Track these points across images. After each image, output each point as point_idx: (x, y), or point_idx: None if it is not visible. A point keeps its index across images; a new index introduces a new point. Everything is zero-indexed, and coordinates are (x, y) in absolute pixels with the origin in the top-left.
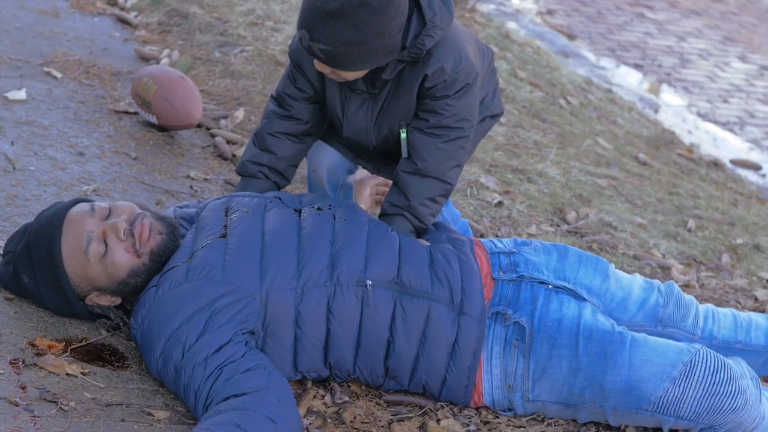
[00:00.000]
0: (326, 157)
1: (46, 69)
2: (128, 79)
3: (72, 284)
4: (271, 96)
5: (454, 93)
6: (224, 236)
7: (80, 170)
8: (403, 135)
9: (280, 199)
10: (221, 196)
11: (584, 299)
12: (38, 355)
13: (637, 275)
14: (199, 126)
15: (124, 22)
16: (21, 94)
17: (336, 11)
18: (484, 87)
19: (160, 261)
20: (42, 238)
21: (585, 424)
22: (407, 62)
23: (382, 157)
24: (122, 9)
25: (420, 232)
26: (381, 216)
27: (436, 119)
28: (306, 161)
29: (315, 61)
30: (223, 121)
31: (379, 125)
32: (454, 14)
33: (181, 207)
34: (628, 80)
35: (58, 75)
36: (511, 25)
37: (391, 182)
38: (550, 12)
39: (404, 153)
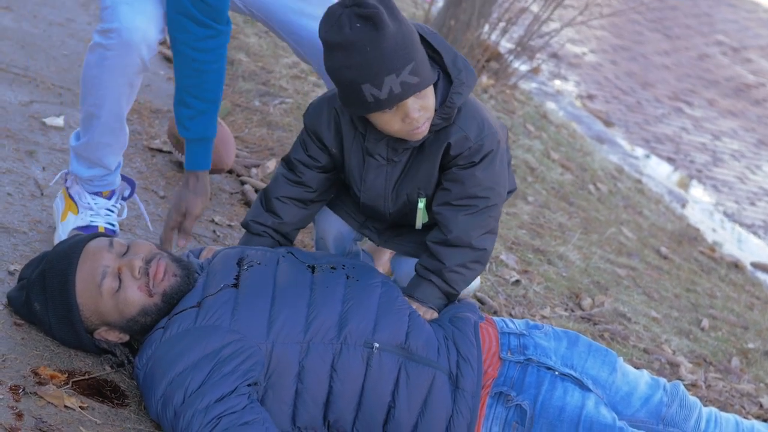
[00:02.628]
0: (333, 225)
1: None
2: (166, 118)
3: (82, 316)
4: (282, 160)
5: (479, 160)
6: (235, 286)
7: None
8: (421, 205)
9: (293, 254)
10: (234, 247)
11: (589, 390)
12: (39, 384)
13: (645, 371)
14: (230, 172)
15: (170, 60)
16: (59, 121)
17: (377, 37)
18: None
19: (171, 303)
20: (57, 268)
21: None
22: (439, 128)
23: (395, 227)
24: (170, 48)
25: (450, 299)
26: (414, 278)
27: (461, 189)
28: (313, 225)
29: (411, 102)
30: (254, 170)
31: (398, 192)
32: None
33: (193, 252)
34: (659, 172)
35: None
36: (550, 105)
37: None
38: (590, 97)
39: (418, 224)
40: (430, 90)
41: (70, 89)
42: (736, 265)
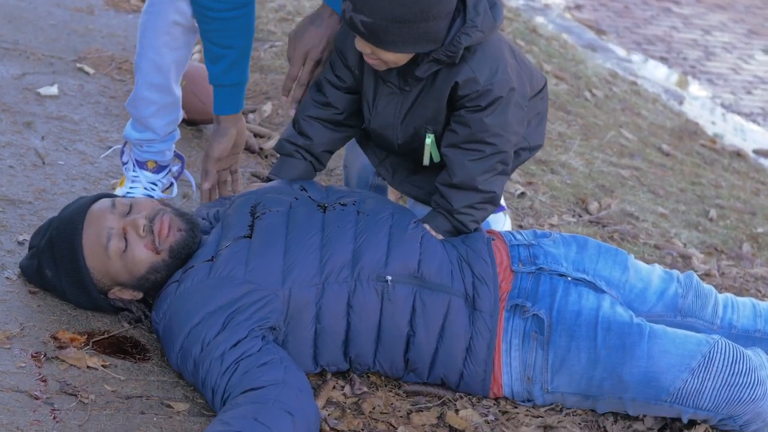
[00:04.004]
0: (358, 158)
1: (78, 65)
2: None
3: (94, 279)
4: (314, 82)
5: (486, 106)
6: (248, 237)
7: (108, 164)
8: (428, 141)
9: (306, 191)
10: (247, 192)
11: (603, 291)
12: (60, 348)
13: (657, 266)
14: None
15: None
16: (53, 90)
17: None
18: (527, 113)
19: (179, 257)
20: (64, 234)
21: (603, 414)
22: (442, 63)
23: (410, 169)
24: None
25: (460, 233)
26: (430, 211)
27: (467, 133)
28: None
29: (356, 39)
30: (251, 115)
31: (407, 124)
32: (500, 21)
33: (208, 205)
34: (654, 73)
35: (91, 71)
36: (539, 19)
37: None
38: (578, 7)
39: (425, 160)
40: (387, 55)
41: (61, 57)
42: (739, 154)
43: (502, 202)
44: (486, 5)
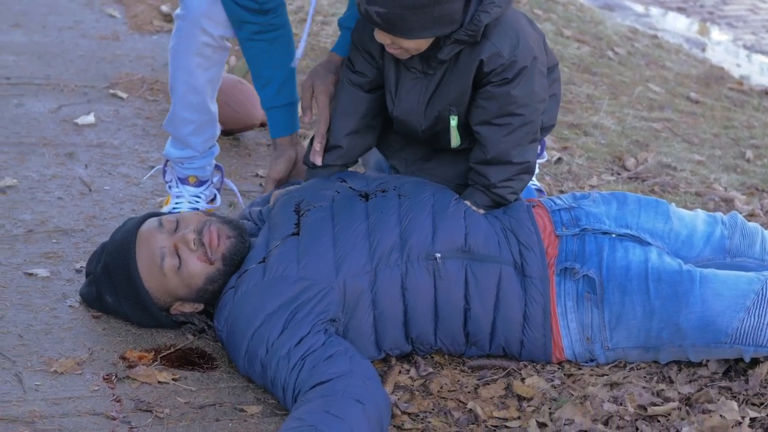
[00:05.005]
0: (374, 153)
1: (111, 91)
2: None
3: (154, 299)
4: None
5: (513, 77)
6: (296, 234)
7: (153, 184)
8: (453, 123)
9: (346, 182)
10: (289, 191)
11: (649, 243)
12: (130, 367)
13: (699, 211)
14: (262, 125)
15: None
16: (90, 118)
17: None
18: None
19: (233, 263)
20: (118, 259)
21: (667, 365)
22: (465, 43)
23: (424, 159)
24: None
25: (500, 206)
26: (468, 188)
27: (496, 107)
28: None
29: (375, 31)
30: None
31: (431, 108)
32: None
33: (252, 206)
34: (673, 24)
35: (124, 95)
36: None
37: None
38: None
39: (453, 143)
40: (407, 42)
41: (93, 86)
42: (767, 93)
43: None
44: None
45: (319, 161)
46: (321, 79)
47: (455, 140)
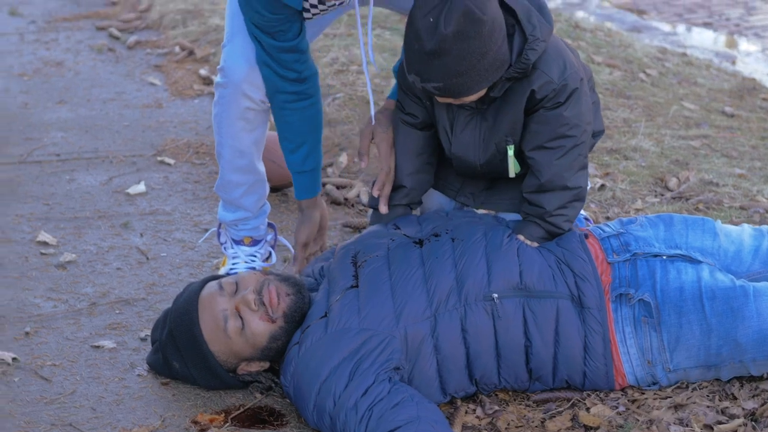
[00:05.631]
0: (433, 200)
1: (159, 158)
2: None
3: (220, 362)
4: None
5: (565, 100)
6: (355, 286)
7: (208, 246)
8: (510, 152)
9: (399, 228)
10: (346, 244)
11: (699, 261)
12: (202, 430)
13: (745, 225)
14: None
15: None
16: (141, 187)
17: (435, 50)
18: None
19: (294, 320)
20: (182, 325)
21: (728, 381)
22: (516, 80)
23: (489, 188)
24: None
25: (554, 236)
26: (519, 221)
27: (549, 130)
28: None
29: (440, 98)
30: (329, 169)
31: (487, 142)
32: (553, 21)
33: (316, 261)
34: (701, 40)
35: (171, 161)
36: (580, 14)
37: None
38: None
39: (511, 172)
40: (469, 98)
41: (141, 155)
42: None
43: None
44: (536, 13)
45: (384, 209)
46: (382, 127)
47: (513, 169)
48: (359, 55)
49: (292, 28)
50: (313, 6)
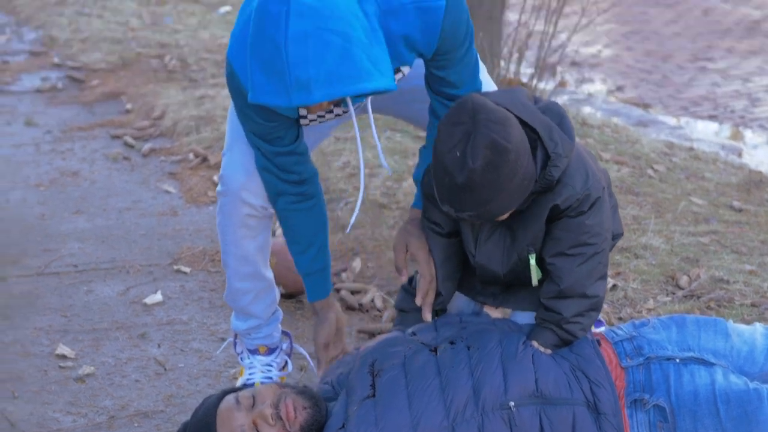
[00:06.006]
0: (453, 303)
1: (175, 267)
2: None
3: None
4: None
5: (588, 209)
6: (372, 396)
7: (225, 356)
8: (532, 261)
9: (416, 335)
10: (363, 352)
11: (713, 364)
12: None
13: (757, 325)
14: None
15: None
16: (158, 297)
17: (466, 184)
18: None
19: None
20: None
21: None
22: (540, 193)
23: (509, 286)
24: None
25: (568, 344)
26: (534, 327)
27: (572, 238)
28: None
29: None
30: (343, 274)
31: (510, 252)
32: (574, 134)
33: (338, 367)
34: (707, 133)
35: (187, 270)
36: (587, 109)
37: None
38: (619, 88)
39: (534, 281)
40: (502, 218)
41: (158, 264)
42: None
43: None
44: (557, 128)
45: (429, 317)
46: (415, 237)
47: (536, 276)
48: (370, 157)
49: (289, 134)
50: (303, 117)
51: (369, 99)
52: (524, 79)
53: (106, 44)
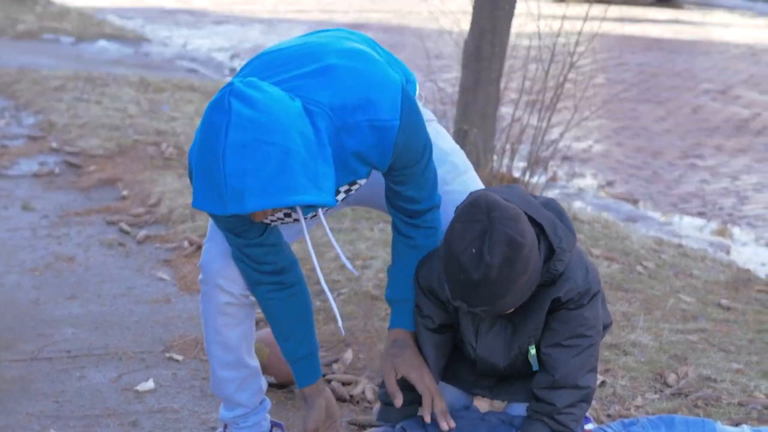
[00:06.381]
0: (447, 393)
1: (167, 354)
2: None
3: None
4: None
5: (587, 302)
6: None
7: None
8: (532, 351)
9: (406, 431)
10: None
11: None
12: None
13: (744, 426)
14: None
15: None
16: (150, 384)
17: (482, 280)
18: None
19: None
20: None
21: None
22: (543, 286)
23: (504, 378)
24: None
25: None
26: (526, 419)
27: (569, 330)
28: None
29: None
30: (335, 365)
31: (511, 344)
32: (574, 229)
33: None
34: (695, 230)
35: (180, 358)
36: (577, 204)
37: None
38: (609, 183)
39: (534, 367)
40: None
41: (151, 351)
42: None
43: None
44: (560, 224)
45: (452, 423)
46: (400, 359)
47: (535, 366)
48: (364, 249)
49: (253, 229)
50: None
51: (321, 210)
52: (516, 173)
53: (104, 130)
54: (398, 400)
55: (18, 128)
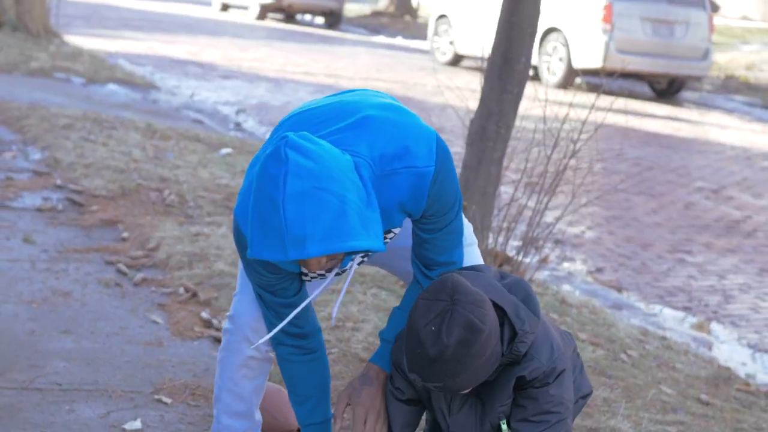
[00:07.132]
0: None
1: (156, 396)
2: None
3: None
4: None
5: (553, 381)
6: None
7: None
8: (504, 427)
9: None
10: None
11: None
12: None
13: None
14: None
15: (220, 342)
16: (137, 424)
17: (437, 357)
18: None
19: None
20: None
21: None
22: (507, 365)
23: None
24: (218, 330)
25: None
26: None
27: (535, 406)
28: None
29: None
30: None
31: (482, 420)
32: (539, 310)
33: None
34: (679, 324)
35: (168, 401)
36: (566, 287)
37: None
38: (598, 270)
39: None
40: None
41: (140, 392)
42: None
43: None
44: (523, 307)
45: None
46: (356, 391)
47: None
48: (355, 312)
49: (292, 286)
50: (305, 274)
51: (356, 258)
52: (510, 253)
53: (109, 172)
54: (337, 425)
55: (24, 162)
